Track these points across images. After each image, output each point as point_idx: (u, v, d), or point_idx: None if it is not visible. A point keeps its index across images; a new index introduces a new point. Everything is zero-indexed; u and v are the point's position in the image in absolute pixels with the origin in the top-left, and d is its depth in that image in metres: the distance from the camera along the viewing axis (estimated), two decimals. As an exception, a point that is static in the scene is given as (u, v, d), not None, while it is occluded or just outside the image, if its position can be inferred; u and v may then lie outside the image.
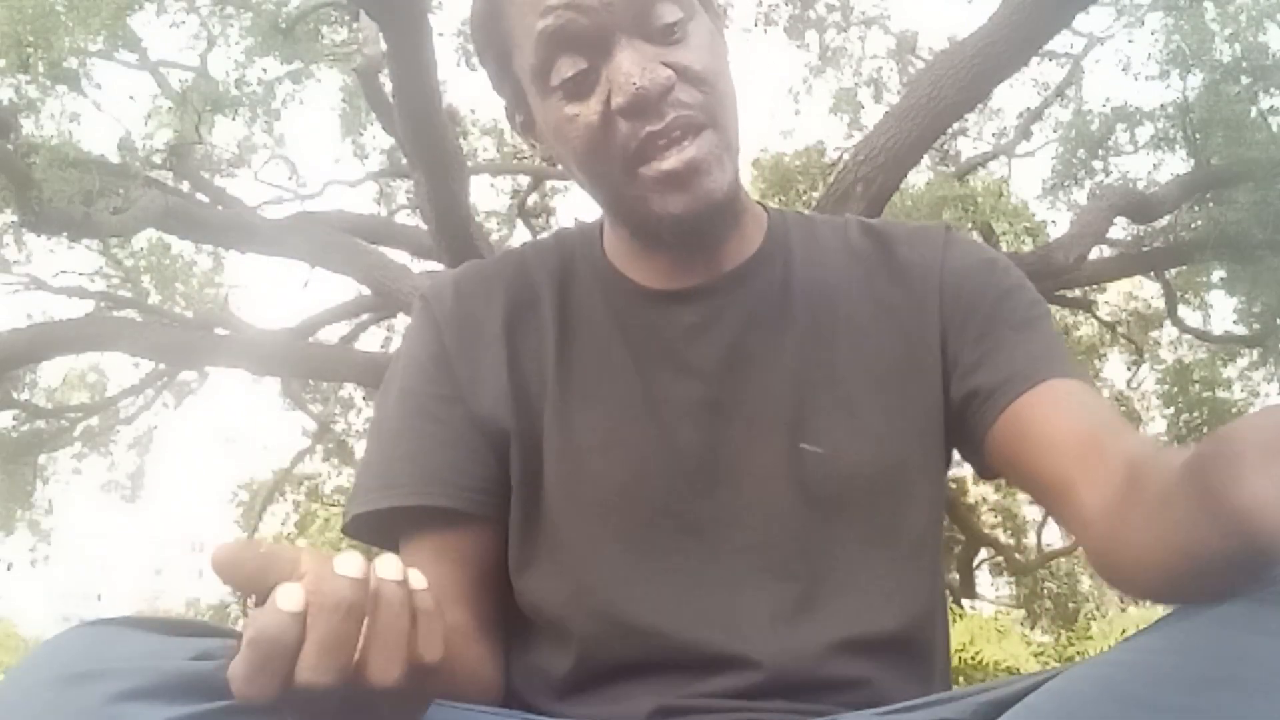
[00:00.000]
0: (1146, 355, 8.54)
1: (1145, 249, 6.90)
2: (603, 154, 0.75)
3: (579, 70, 0.74)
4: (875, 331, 0.83)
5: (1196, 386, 7.64)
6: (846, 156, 5.09)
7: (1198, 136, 6.23)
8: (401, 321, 7.43)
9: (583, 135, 0.75)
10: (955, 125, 6.67)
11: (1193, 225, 6.50)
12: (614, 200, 0.79)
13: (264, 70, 6.75)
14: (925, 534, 0.82)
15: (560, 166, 0.86)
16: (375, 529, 0.83)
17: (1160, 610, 0.60)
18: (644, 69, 0.73)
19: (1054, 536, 9.25)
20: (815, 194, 7.00)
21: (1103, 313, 8.35)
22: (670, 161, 0.74)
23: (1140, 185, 6.83)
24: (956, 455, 0.87)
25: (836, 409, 0.80)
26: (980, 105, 6.96)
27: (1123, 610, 10.94)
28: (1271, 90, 6.29)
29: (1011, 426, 0.77)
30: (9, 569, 9.61)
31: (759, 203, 0.91)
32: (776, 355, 0.82)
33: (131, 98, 10.18)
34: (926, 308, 0.83)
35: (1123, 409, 8.03)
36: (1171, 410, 7.71)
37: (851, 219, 0.92)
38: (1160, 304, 8.15)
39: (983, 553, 8.62)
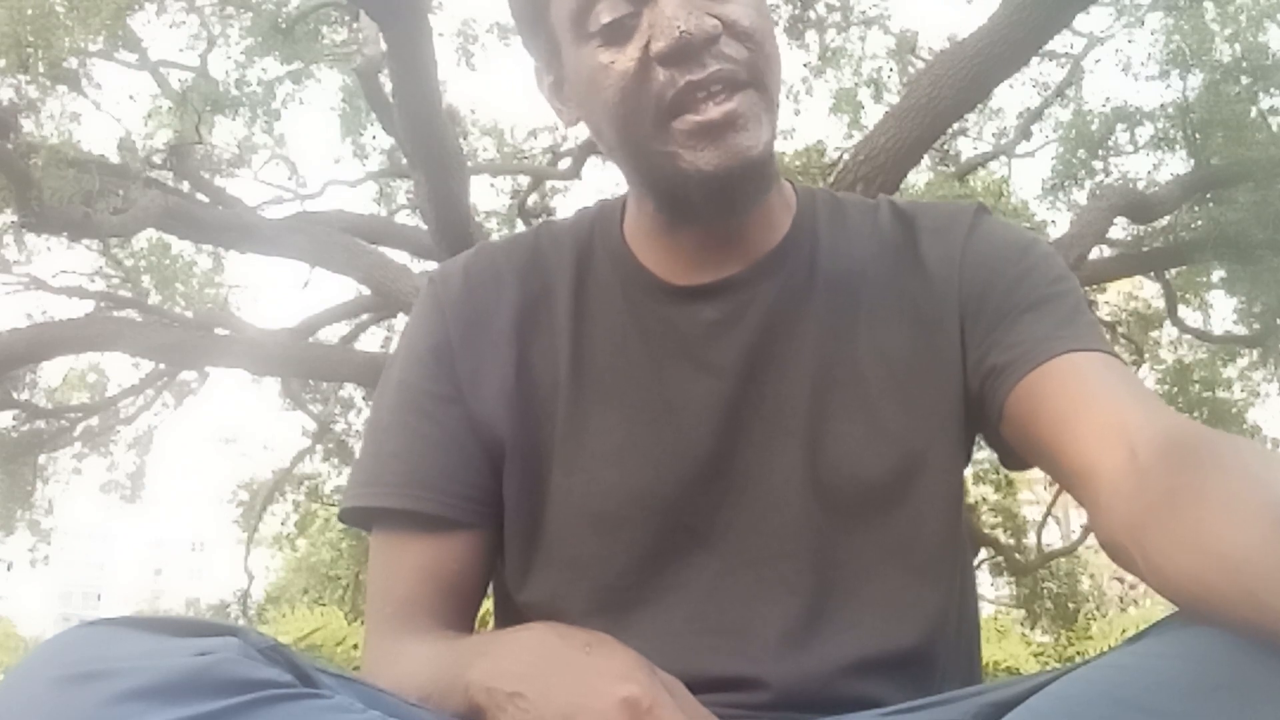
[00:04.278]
0: (1146, 355, 8.54)
1: (1145, 249, 6.91)
2: (635, 104, 0.72)
3: (620, 15, 0.72)
4: (897, 327, 0.80)
5: (1196, 386, 7.65)
6: (846, 156, 5.08)
7: (1198, 136, 6.24)
8: (401, 322, 7.42)
9: (617, 83, 0.72)
10: (955, 125, 6.67)
11: (1193, 225, 6.51)
12: (642, 158, 0.75)
13: (264, 70, 6.77)
14: (943, 543, 0.78)
15: (589, 132, 0.82)
16: (365, 520, 0.82)
17: (1161, 611, 0.59)
18: (690, 14, 0.70)
19: (1054, 536, 9.25)
20: (815, 194, 6.96)
21: (1103, 313, 8.34)
22: (709, 113, 0.70)
23: (1140, 185, 6.83)
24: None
25: (856, 411, 0.78)
26: (980, 105, 6.95)
27: (1123, 610, 10.95)
28: (1271, 90, 6.30)
29: (1023, 405, 0.74)
30: (9, 569, 9.62)
31: (787, 180, 0.87)
32: (797, 354, 0.79)
33: (131, 98, 10.15)
34: (947, 301, 0.80)
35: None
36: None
37: (884, 201, 0.88)
38: (1160, 304, 8.15)
39: (983, 553, 8.61)
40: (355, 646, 8.37)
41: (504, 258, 0.86)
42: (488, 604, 0.88)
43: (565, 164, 8.16)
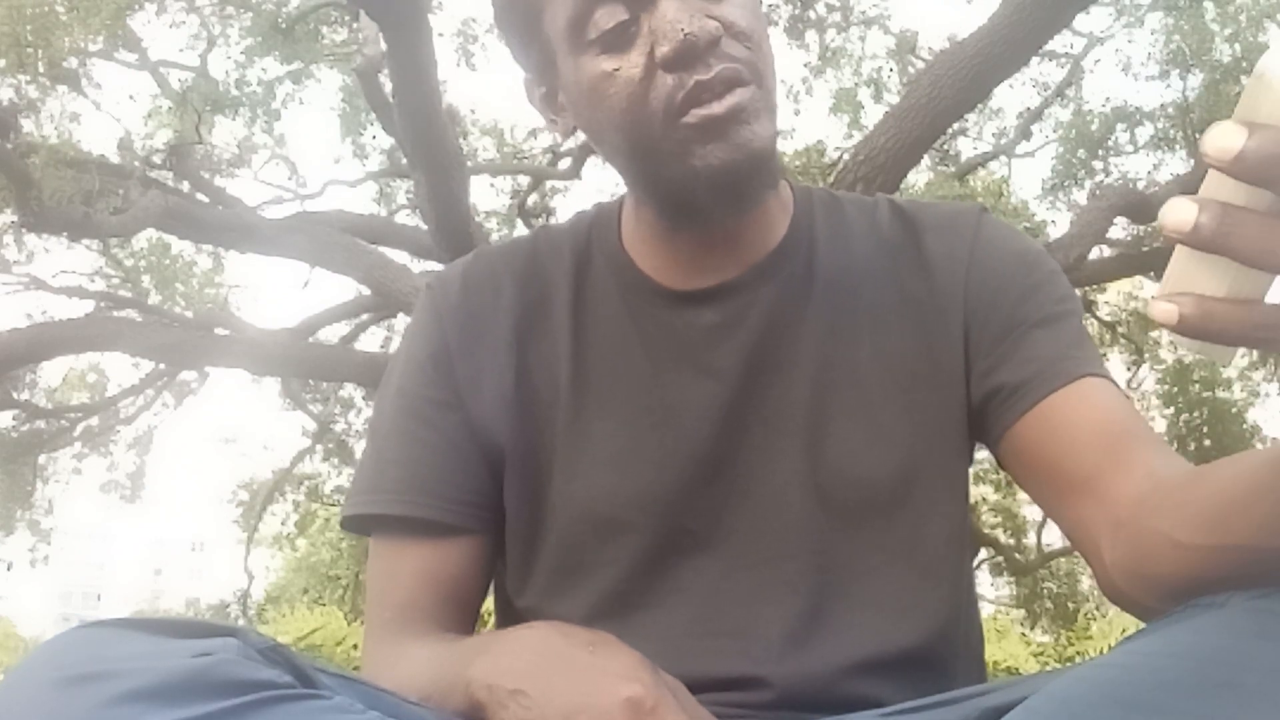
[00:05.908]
0: (1146, 355, 8.54)
1: (1145, 249, 6.91)
2: (643, 109, 0.72)
3: (619, 21, 0.72)
4: (899, 328, 0.80)
5: (1196, 386, 7.66)
6: (846, 156, 5.09)
7: (1198, 136, 6.22)
8: (401, 322, 7.43)
9: (623, 90, 0.72)
10: (955, 125, 6.67)
11: (1193, 225, 6.49)
12: (650, 161, 0.75)
13: (264, 70, 6.79)
14: (947, 545, 0.79)
15: (585, 138, 0.82)
16: (366, 527, 0.82)
17: (1161, 611, 0.59)
18: (691, 16, 0.70)
19: (1054, 536, 9.24)
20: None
21: (1103, 313, 8.35)
22: (714, 107, 0.71)
23: (1140, 185, 6.84)
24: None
25: (857, 412, 0.78)
26: (980, 105, 6.95)
27: (1122, 610, 10.94)
28: (1271, 90, 6.29)
29: (1039, 424, 0.74)
30: (9, 569, 9.64)
31: (784, 180, 0.87)
32: (797, 356, 0.79)
33: (131, 98, 10.19)
34: (951, 302, 0.80)
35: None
36: (1171, 410, 7.73)
37: (882, 199, 0.88)
38: (1160, 304, 8.12)
39: (983, 553, 8.62)
40: (355, 646, 8.38)
41: (502, 264, 0.86)
42: (488, 605, 0.88)
43: (565, 164, 8.16)
